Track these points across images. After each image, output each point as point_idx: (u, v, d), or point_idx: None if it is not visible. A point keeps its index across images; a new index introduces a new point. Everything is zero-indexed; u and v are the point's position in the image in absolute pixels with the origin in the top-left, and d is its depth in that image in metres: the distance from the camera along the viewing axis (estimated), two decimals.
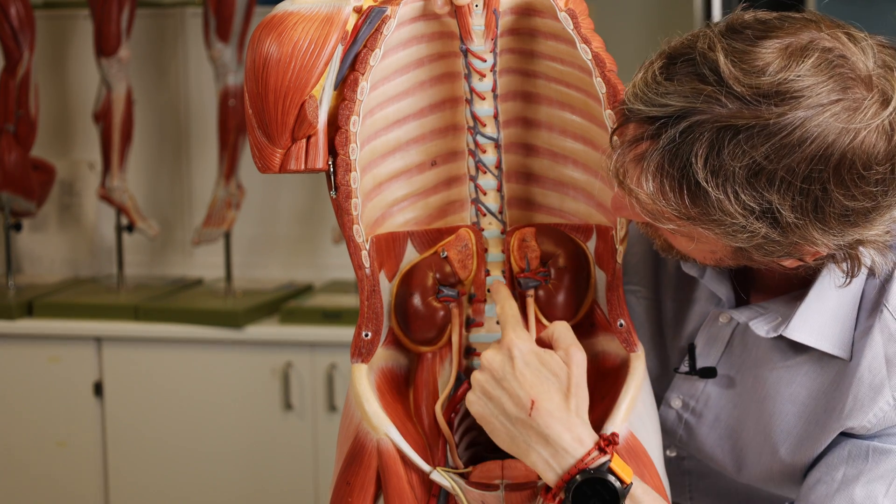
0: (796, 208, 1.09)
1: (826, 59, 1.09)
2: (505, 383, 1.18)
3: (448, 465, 1.26)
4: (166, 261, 3.45)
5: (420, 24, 1.29)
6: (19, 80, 3.09)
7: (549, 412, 1.15)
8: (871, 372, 1.24)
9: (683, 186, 1.10)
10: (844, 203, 1.10)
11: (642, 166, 1.12)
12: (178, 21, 3.37)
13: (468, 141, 1.33)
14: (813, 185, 1.08)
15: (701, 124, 1.08)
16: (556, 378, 1.18)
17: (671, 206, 1.12)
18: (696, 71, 1.10)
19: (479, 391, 1.19)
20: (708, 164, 1.08)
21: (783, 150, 1.07)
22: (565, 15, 1.25)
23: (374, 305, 1.28)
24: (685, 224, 1.14)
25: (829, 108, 1.07)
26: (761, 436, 1.33)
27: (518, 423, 1.16)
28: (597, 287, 1.34)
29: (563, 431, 1.15)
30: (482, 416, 1.19)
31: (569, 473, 1.14)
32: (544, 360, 1.19)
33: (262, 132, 1.21)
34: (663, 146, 1.10)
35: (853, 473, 1.25)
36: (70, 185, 3.39)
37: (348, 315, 2.96)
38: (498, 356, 1.19)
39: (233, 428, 3.03)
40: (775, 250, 1.14)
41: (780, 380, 1.31)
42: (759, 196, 1.08)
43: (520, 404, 1.16)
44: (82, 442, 3.08)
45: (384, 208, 1.32)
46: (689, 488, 1.45)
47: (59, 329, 3.06)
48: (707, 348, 1.37)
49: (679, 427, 1.40)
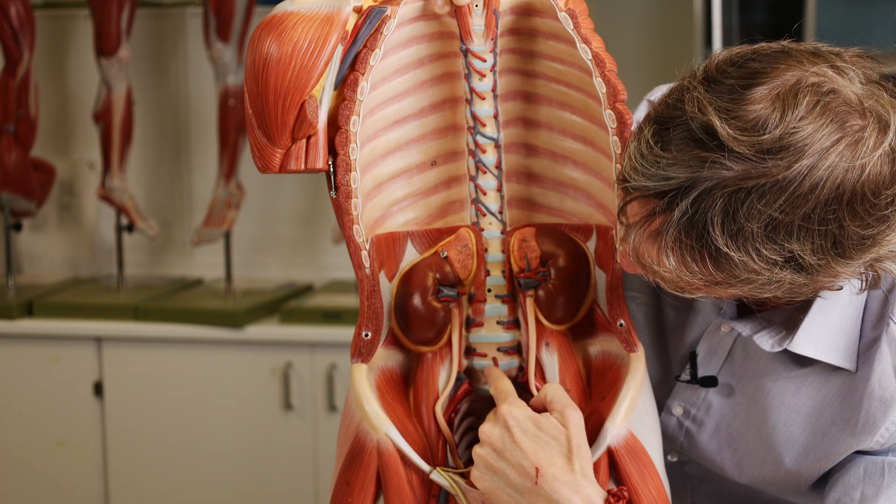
0: (817, 250, 1.08)
1: (818, 100, 1.08)
2: (507, 454, 1.18)
3: (448, 465, 1.26)
4: (166, 261, 3.45)
5: (420, 24, 1.29)
6: (19, 80, 3.09)
7: (555, 477, 1.16)
8: (881, 386, 1.24)
9: (705, 255, 1.09)
10: (861, 233, 1.09)
11: (660, 243, 1.11)
12: (178, 21, 3.37)
13: (468, 141, 1.33)
14: (830, 225, 1.08)
15: (711, 191, 1.07)
16: (556, 441, 1.18)
17: (696, 277, 1.11)
18: (692, 136, 1.08)
19: (483, 466, 1.20)
20: (726, 229, 1.07)
21: (797, 201, 1.06)
22: (565, 15, 1.25)
23: (374, 305, 1.28)
24: (713, 289, 1.13)
25: (833, 148, 1.07)
26: (763, 445, 1.33)
27: (526, 493, 1.17)
28: (597, 287, 1.34)
29: (572, 495, 1.15)
30: (490, 490, 1.19)
31: None
32: (541, 424, 1.19)
33: (262, 132, 1.21)
34: (677, 219, 1.08)
35: (872, 492, 1.25)
36: (70, 185, 3.39)
37: (348, 315, 2.96)
38: (496, 429, 1.20)
39: (233, 428, 3.03)
40: (804, 291, 1.14)
41: (783, 390, 1.31)
42: (780, 248, 1.08)
43: (524, 474, 1.17)
44: (82, 442, 3.08)
45: (384, 208, 1.32)
46: (690, 492, 1.45)
47: (59, 329, 3.06)
48: (708, 357, 1.37)
49: (680, 434, 1.40)
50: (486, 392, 1.32)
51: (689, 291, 1.15)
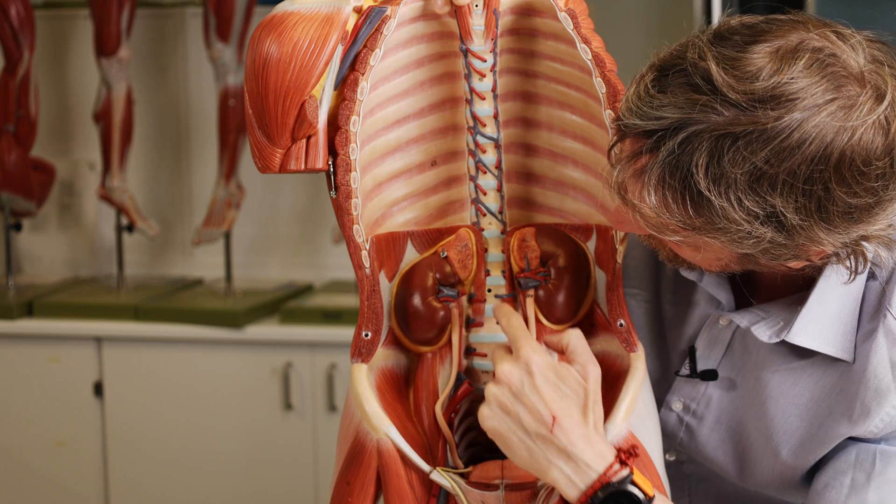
0: (800, 210, 1.09)
1: (817, 58, 1.09)
2: (524, 398, 1.16)
3: (448, 465, 1.26)
4: (166, 261, 3.45)
5: (420, 24, 1.29)
6: (19, 80, 3.09)
7: (571, 428, 1.14)
8: (877, 377, 1.24)
9: (686, 197, 1.10)
10: (847, 201, 1.10)
11: (643, 180, 1.12)
12: (178, 21, 3.37)
13: (468, 141, 1.33)
14: (815, 185, 1.08)
15: (699, 134, 1.08)
16: (574, 394, 1.17)
17: (675, 218, 1.12)
18: (688, 81, 1.10)
19: (496, 405, 1.17)
20: (709, 172, 1.08)
21: (783, 154, 1.07)
22: (565, 15, 1.25)
23: (374, 305, 1.28)
24: (690, 234, 1.13)
25: (825, 107, 1.08)
26: (763, 438, 1.33)
27: (539, 439, 1.15)
28: (597, 287, 1.34)
29: (586, 447, 1.14)
30: (498, 431, 1.17)
31: (592, 488, 1.13)
32: (562, 375, 1.17)
33: (262, 132, 1.21)
34: (663, 158, 1.10)
35: (862, 478, 1.25)
36: (70, 185, 3.39)
37: (348, 315, 2.96)
38: (516, 370, 1.17)
39: (233, 428, 3.03)
40: (782, 253, 1.14)
41: (782, 382, 1.31)
42: (762, 201, 1.08)
43: (540, 420, 1.15)
44: (82, 442, 3.08)
45: (384, 208, 1.32)
46: (688, 492, 1.45)
47: (59, 329, 3.06)
48: (708, 351, 1.37)
49: (680, 430, 1.40)
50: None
51: (665, 233, 1.15)
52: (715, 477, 1.41)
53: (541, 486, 1.23)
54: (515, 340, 1.20)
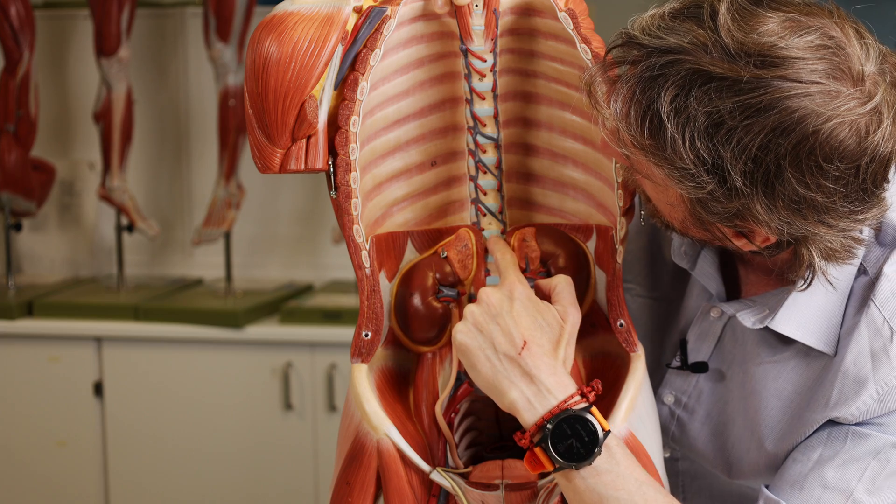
0: (746, 175, 1.10)
1: (824, 44, 1.10)
2: (500, 320, 1.19)
3: (448, 465, 1.26)
4: (166, 261, 3.45)
5: (420, 24, 1.29)
6: (19, 80, 3.09)
7: (539, 355, 1.17)
8: (857, 366, 1.24)
9: (647, 117, 1.12)
10: (796, 188, 1.10)
11: (616, 87, 1.15)
12: (178, 21, 3.37)
13: (468, 141, 1.33)
14: (768, 155, 1.09)
15: (680, 62, 1.11)
16: (549, 328, 1.20)
17: (629, 131, 1.14)
18: (699, 16, 1.13)
19: (472, 323, 1.20)
20: (674, 102, 1.10)
21: (748, 111, 1.08)
22: (565, 15, 1.25)
23: (374, 305, 1.28)
24: (638, 154, 1.15)
25: (809, 87, 1.08)
26: (748, 431, 1.33)
27: (506, 360, 1.18)
28: (597, 287, 1.34)
29: (550, 375, 1.17)
30: (467, 347, 1.20)
31: (550, 413, 1.15)
32: (542, 309, 1.21)
33: (262, 132, 1.21)
34: (640, 74, 1.13)
35: (829, 454, 1.24)
36: (70, 185, 3.39)
37: (348, 315, 2.96)
38: (497, 293, 1.21)
39: (233, 428, 3.03)
40: (719, 212, 1.15)
41: (766, 374, 1.32)
42: (713, 149, 1.10)
43: (511, 342, 1.18)
44: (82, 442, 3.08)
45: (384, 208, 1.32)
46: (681, 489, 1.46)
47: (59, 329, 3.06)
48: (699, 343, 1.38)
49: (672, 423, 1.40)
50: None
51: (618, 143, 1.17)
52: (709, 474, 1.41)
53: (541, 487, 1.23)
54: (505, 271, 1.25)
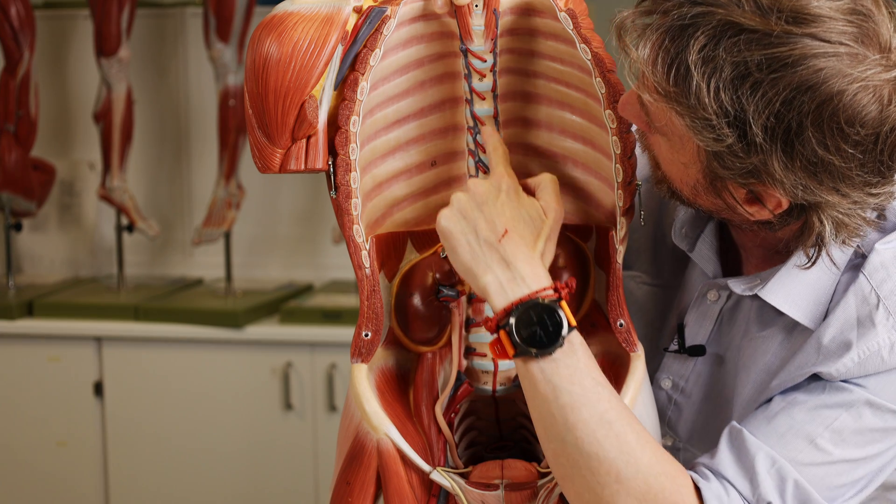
0: (768, 130, 1.11)
1: (855, 8, 1.12)
2: (485, 208, 1.22)
3: (448, 465, 1.26)
4: (166, 261, 3.45)
5: (420, 24, 1.29)
6: (19, 80, 3.09)
7: (518, 245, 1.20)
8: (842, 331, 1.24)
9: (674, 65, 1.14)
10: (815, 148, 1.11)
11: (646, 34, 1.16)
12: (178, 21, 3.37)
13: (468, 141, 1.33)
14: (791, 112, 1.10)
15: (712, 14, 1.12)
16: (532, 221, 1.22)
17: (654, 77, 1.16)
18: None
19: (457, 208, 1.22)
20: (703, 51, 1.12)
21: (775, 65, 1.10)
22: (565, 15, 1.25)
23: (374, 305, 1.28)
24: (661, 101, 1.16)
25: (834, 46, 1.11)
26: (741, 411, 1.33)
27: (485, 245, 1.20)
28: (597, 287, 1.34)
29: (526, 264, 1.19)
30: (450, 231, 1.22)
31: (520, 300, 1.17)
32: (526, 203, 1.24)
33: (262, 132, 1.21)
34: (671, 22, 1.14)
35: (804, 398, 1.24)
36: (70, 185, 3.39)
37: (348, 315, 2.96)
38: (485, 184, 1.24)
39: (233, 428, 3.03)
40: (736, 168, 1.15)
41: (756, 350, 1.32)
42: (737, 101, 1.11)
43: (493, 229, 1.20)
44: (82, 442, 3.08)
45: (384, 208, 1.32)
46: None
47: (59, 329, 3.06)
48: (696, 326, 1.38)
49: (669, 408, 1.41)
50: (487, 392, 1.32)
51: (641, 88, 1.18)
52: None
53: (540, 486, 1.23)
54: (495, 163, 1.27)
